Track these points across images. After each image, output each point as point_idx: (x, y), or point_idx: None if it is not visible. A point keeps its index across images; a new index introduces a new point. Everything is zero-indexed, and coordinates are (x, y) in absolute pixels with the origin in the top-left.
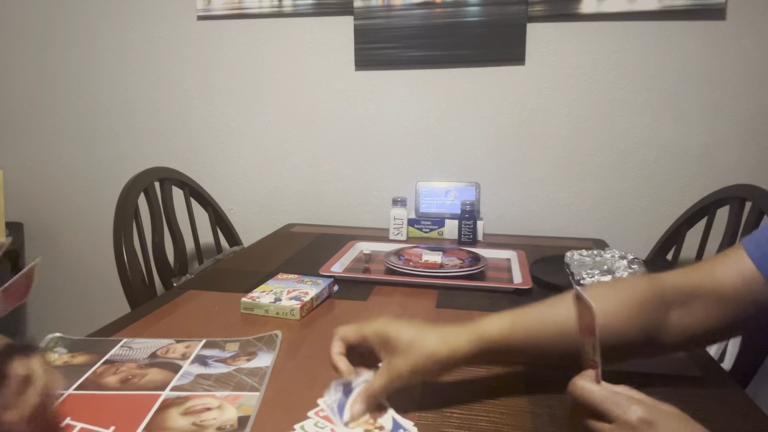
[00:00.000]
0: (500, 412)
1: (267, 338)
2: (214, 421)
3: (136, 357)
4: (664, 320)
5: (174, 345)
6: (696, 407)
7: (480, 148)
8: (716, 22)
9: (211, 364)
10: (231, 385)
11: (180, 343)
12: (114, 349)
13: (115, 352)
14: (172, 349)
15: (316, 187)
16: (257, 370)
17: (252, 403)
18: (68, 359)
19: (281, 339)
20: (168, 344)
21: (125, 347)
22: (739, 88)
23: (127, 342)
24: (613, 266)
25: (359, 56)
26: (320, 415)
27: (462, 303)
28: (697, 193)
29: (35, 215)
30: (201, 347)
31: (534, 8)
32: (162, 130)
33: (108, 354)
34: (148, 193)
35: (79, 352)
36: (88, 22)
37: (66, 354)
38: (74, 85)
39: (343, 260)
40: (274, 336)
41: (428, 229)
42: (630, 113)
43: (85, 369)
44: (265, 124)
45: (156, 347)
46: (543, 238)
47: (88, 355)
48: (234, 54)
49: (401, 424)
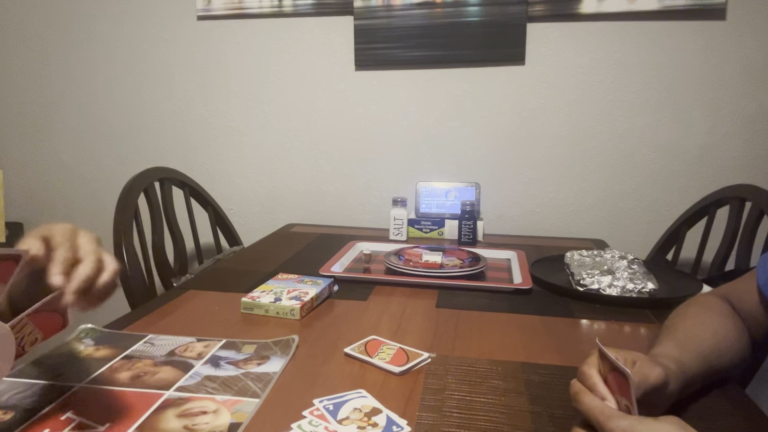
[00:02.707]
0: (500, 412)
1: (284, 342)
2: (205, 425)
3: (155, 354)
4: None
5: (194, 344)
6: (696, 407)
7: (480, 148)
8: (716, 22)
9: (222, 366)
10: (234, 390)
11: (200, 342)
12: (136, 344)
13: (137, 348)
14: (191, 348)
15: (316, 187)
16: (264, 376)
17: (248, 409)
18: (92, 352)
19: (297, 344)
20: (188, 342)
21: (148, 343)
22: (739, 88)
23: (151, 338)
24: (613, 266)
25: (359, 56)
26: (315, 414)
27: (462, 303)
28: (697, 193)
29: (35, 215)
30: (218, 348)
31: (534, 8)
32: (162, 130)
33: (129, 349)
34: (148, 193)
35: (104, 345)
36: (88, 22)
37: (92, 346)
38: (74, 85)
39: (343, 260)
40: (291, 341)
41: (428, 229)
42: (630, 113)
43: (103, 363)
44: (265, 124)
45: (176, 345)
46: (543, 238)
47: (111, 349)
48: (234, 54)
49: (395, 422)
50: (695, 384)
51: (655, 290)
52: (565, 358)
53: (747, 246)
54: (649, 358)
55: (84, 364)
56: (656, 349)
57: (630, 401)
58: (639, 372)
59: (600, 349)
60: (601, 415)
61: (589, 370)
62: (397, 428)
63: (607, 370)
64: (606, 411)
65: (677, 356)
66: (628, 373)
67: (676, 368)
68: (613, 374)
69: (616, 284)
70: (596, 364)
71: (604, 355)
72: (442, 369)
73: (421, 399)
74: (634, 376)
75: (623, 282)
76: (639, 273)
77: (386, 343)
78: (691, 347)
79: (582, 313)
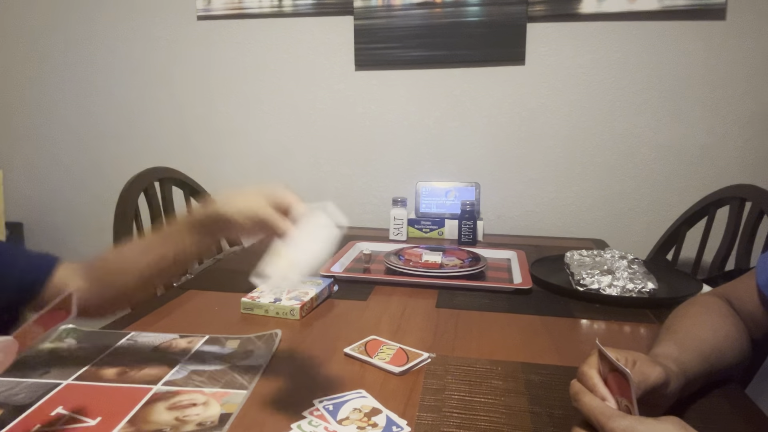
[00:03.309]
0: (500, 412)
1: (267, 337)
2: (196, 416)
3: (139, 350)
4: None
5: (177, 340)
6: (696, 407)
7: (480, 148)
8: (716, 22)
9: (207, 360)
10: (221, 382)
11: (183, 338)
12: (119, 342)
13: (120, 344)
14: (175, 344)
15: (316, 187)
16: (250, 368)
17: (237, 401)
18: (75, 350)
19: (280, 338)
20: (171, 339)
21: (131, 340)
22: (739, 88)
23: (134, 335)
24: (613, 266)
25: (359, 56)
26: (315, 414)
27: (462, 303)
28: (697, 193)
29: (35, 215)
30: (202, 343)
31: (534, 8)
32: (162, 130)
33: (112, 347)
34: (148, 193)
35: (87, 343)
36: (88, 22)
37: (75, 346)
38: (74, 85)
39: (343, 260)
40: (274, 335)
41: (428, 229)
42: (630, 113)
43: (87, 360)
44: (265, 124)
45: (159, 341)
46: (543, 238)
47: (94, 347)
48: (234, 54)
49: (395, 422)
50: (695, 384)
51: (655, 290)
52: (565, 358)
53: (747, 246)
54: (649, 358)
55: (69, 362)
56: (656, 349)
57: (630, 401)
58: (639, 372)
59: (600, 349)
60: (602, 415)
61: (589, 371)
62: (396, 428)
63: (607, 370)
64: (606, 411)
65: (677, 356)
66: (628, 374)
67: (676, 368)
68: (613, 374)
69: (616, 284)
70: (596, 365)
71: (603, 355)
72: (442, 369)
73: (421, 399)
74: (634, 376)
75: (623, 282)
76: (639, 273)
77: (386, 343)
78: (691, 347)
79: (582, 313)
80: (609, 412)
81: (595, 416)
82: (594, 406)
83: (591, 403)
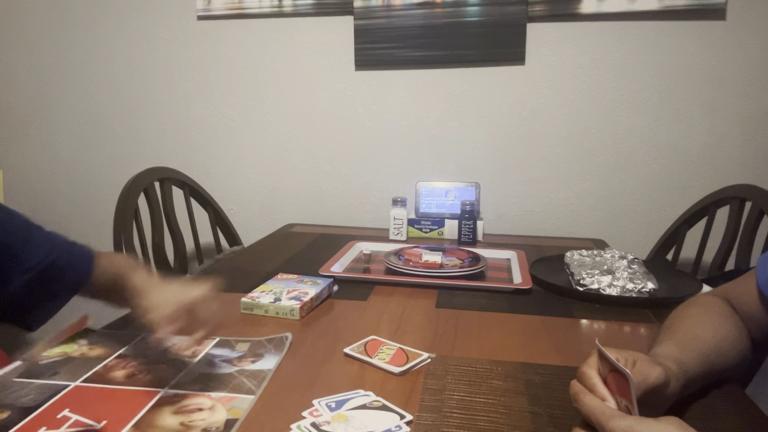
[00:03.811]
0: (500, 412)
1: (277, 340)
2: (202, 422)
3: (149, 353)
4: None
5: (188, 341)
6: (696, 407)
7: (480, 148)
8: (716, 22)
9: (216, 364)
10: (229, 387)
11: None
12: (130, 343)
13: (130, 346)
14: (184, 346)
15: (316, 187)
16: (259, 373)
17: (244, 406)
18: (86, 351)
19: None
20: (182, 340)
21: (142, 342)
22: (739, 88)
23: (144, 337)
24: (613, 266)
25: (359, 56)
26: (314, 414)
27: (462, 303)
28: (697, 193)
29: (35, 215)
30: (212, 346)
31: (534, 8)
32: (162, 130)
33: (122, 348)
34: (148, 193)
35: (98, 344)
36: (88, 22)
37: (86, 346)
38: (74, 85)
39: (343, 260)
40: (284, 338)
41: (428, 229)
42: (630, 113)
43: (97, 362)
44: (265, 124)
45: (170, 342)
46: (543, 238)
47: (104, 349)
48: (234, 54)
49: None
50: (695, 384)
51: (655, 290)
52: (565, 358)
53: (747, 246)
54: (649, 359)
55: (78, 363)
56: (656, 349)
57: (630, 402)
58: (639, 372)
59: (599, 349)
60: (602, 415)
61: (588, 371)
62: (396, 428)
63: (606, 370)
64: (606, 411)
65: (677, 356)
66: (628, 374)
67: (676, 368)
68: (613, 375)
69: (616, 284)
70: (596, 365)
71: (603, 355)
72: (442, 369)
73: (421, 399)
74: (634, 376)
75: (623, 282)
76: (639, 273)
77: (386, 343)
78: (691, 347)
79: (582, 313)
80: (609, 412)
81: (595, 416)
82: (594, 406)
83: (591, 403)
